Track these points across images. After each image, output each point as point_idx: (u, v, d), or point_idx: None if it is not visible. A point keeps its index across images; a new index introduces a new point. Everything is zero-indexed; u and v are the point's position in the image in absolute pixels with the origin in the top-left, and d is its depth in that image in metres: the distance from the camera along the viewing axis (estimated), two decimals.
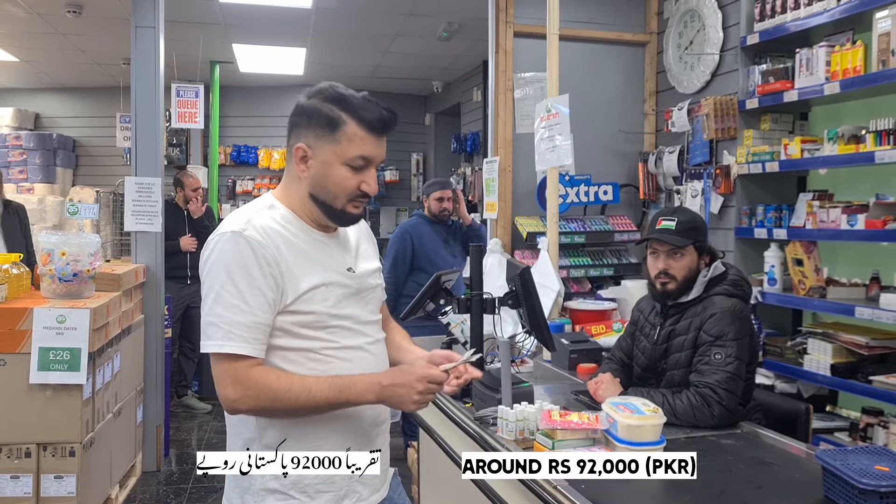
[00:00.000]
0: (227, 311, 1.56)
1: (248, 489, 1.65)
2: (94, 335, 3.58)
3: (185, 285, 5.98)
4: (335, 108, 1.65)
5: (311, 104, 1.69)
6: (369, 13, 6.45)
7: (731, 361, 2.43)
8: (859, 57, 3.21)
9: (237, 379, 1.56)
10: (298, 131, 1.69)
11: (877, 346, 3.18)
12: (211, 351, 1.57)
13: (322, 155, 1.66)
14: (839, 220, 3.27)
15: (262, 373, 1.58)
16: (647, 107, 5.04)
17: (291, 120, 1.71)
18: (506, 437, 2.26)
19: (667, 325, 2.67)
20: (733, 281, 2.63)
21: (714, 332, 2.48)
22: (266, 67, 8.69)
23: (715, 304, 2.55)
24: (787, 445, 2.30)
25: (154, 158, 4.77)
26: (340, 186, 1.66)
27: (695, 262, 2.63)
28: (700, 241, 2.63)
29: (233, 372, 1.56)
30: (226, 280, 1.56)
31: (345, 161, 1.65)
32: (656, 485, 2.00)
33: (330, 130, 1.65)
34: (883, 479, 1.69)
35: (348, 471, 1.66)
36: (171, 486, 4.55)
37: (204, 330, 1.58)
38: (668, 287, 2.64)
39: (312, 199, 1.69)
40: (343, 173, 1.66)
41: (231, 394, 1.56)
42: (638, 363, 2.79)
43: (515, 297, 2.69)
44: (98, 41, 7.47)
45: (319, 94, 1.68)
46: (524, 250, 4.68)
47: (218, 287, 1.57)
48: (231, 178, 9.92)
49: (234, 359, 1.56)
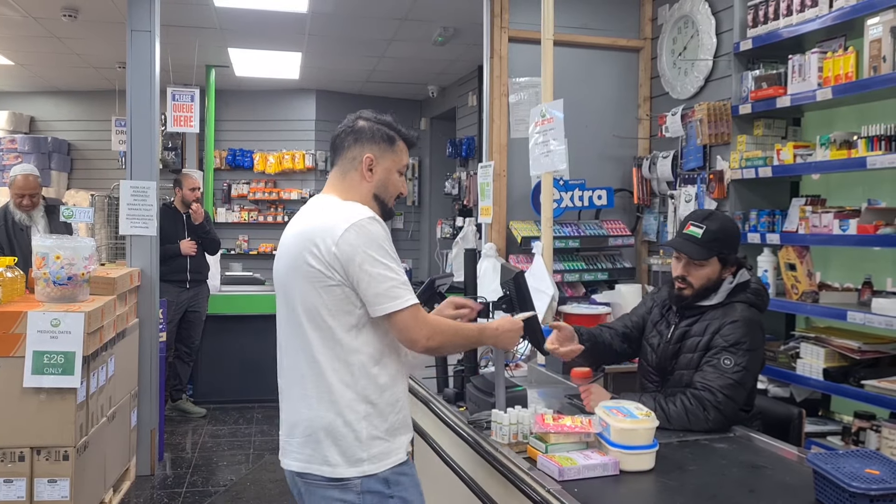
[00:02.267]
0: (396, 274, 1.93)
1: (353, 442, 1.95)
2: (88, 339, 3.58)
3: (184, 289, 5.96)
4: (388, 129, 2.11)
5: (368, 125, 2.10)
6: (364, 18, 6.47)
7: (739, 370, 2.42)
8: (851, 63, 3.23)
9: (425, 322, 1.96)
10: (362, 144, 2.08)
11: (869, 351, 3.19)
12: (404, 307, 1.92)
13: (384, 163, 2.09)
14: (831, 225, 3.28)
15: (430, 316, 2.04)
16: (642, 112, 5.06)
17: (352, 136, 2.08)
18: (499, 440, 2.26)
19: (682, 325, 2.63)
20: (756, 290, 2.60)
21: (730, 339, 2.46)
22: (261, 71, 8.70)
23: (737, 311, 2.52)
24: (780, 449, 2.31)
25: (149, 162, 4.77)
26: (395, 188, 2.13)
27: (716, 273, 2.58)
28: (724, 253, 2.57)
29: (421, 317, 1.96)
30: (384, 253, 1.93)
31: (398, 168, 2.12)
32: (649, 488, 2.01)
33: (389, 145, 2.10)
34: (873, 482, 1.70)
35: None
36: (165, 490, 4.55)
37: (385, 293, 1.91)
38: (684, 292, 2.62)
39: (375, 199, 2.10)
40: (397, 178, 2.13)
41: (424, 333, 1.95)
42: (645, 359, 2.77)
43: (509, 302, 2.69)
44: (94, 45, 7.48)
45: (371, 119, 2.11)
46: (519, 255, 4.69)
47: (380, 258, 1.92)
48: (226, 182, 9.92)
49: (417, 308, 1.95)
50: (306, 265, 1.94)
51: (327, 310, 1.94)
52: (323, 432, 1.95)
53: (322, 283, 1.93)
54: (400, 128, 2.13)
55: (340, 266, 1.91)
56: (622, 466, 2.04)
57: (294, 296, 2.00)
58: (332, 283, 1.93)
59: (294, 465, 2.02)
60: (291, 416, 2.04)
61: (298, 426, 2.01)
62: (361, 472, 1.94)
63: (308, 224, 2.01)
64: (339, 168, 2.10)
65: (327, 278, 1.92)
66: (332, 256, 1.91)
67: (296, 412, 2.02)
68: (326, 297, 1.94)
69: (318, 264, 1.93)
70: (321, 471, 1.96)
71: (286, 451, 2.06)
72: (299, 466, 2.00)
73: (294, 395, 2.03)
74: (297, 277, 1.98)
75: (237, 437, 5.62)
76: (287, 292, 2.03)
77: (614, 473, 2.02)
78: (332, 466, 1.95)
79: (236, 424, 5.94)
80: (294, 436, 2.02)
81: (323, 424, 1.95)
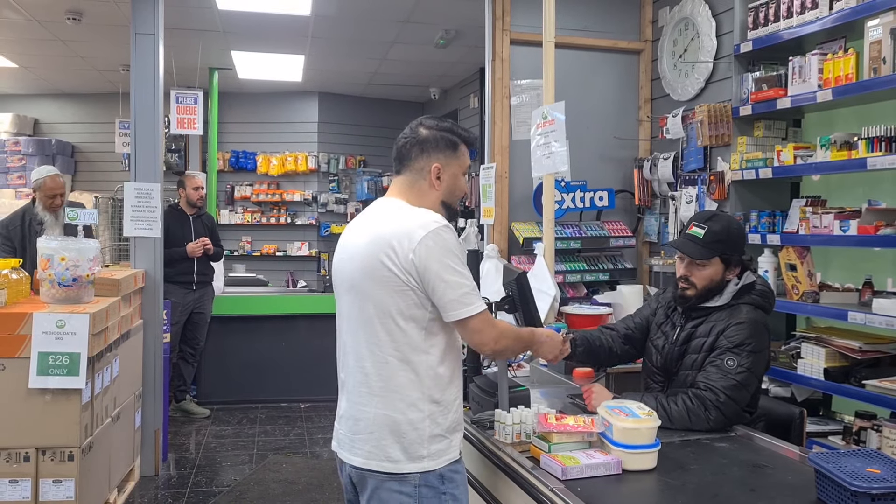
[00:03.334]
0: (468, 280, 2.01)
1: (415, 440, 2.01)
2: (93, 340, 3.60)
3: (190, 290, 5.99)
4: (450, 135, 2.17)
5: (431, 134, 2.16)
6: (367, 21, 6.50)
7: (743, 371, 2.43)
8: (851, 65, 3.25)
9: (493, 325, 2.06)
10: (429, 154, 2.14)
11: (870, 351, 3.21)
12: (476, 312, 1.99)
13: (451, 170, 2.17)
14: (832, 225, 3.30)
15: (497, 321, 2.13)
16: (642, 114, 5.08)
17: (417, 147, 2.15)
18: (503, 440, 2.28)
19: (688, 326, 2.64)
20: (761, 292, 2.61)
21: (735, 341, 2.47)
22: (265, 74, 8.74)
23: (742, 312, 2.54)
24: (781, 448, 2.32)
25: (153, 164, 4.79)
26: (461, 191, 2.22)
27: (719, 274, 2.59)
28: (727, 254, 2.57)
29: (490, 322, 2.05)
30: (458, 261, 2.01)
31: (463, 171, 2.21)
32: (651, 487, 2.03)
33: (453, 151, 2.17)
34: (875, 481, 1.72)
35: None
36: (168, 491, 4.57)
37: (460, 300, 1.98)
38: (687, 293, 2.63)
39: (443, 204, 2.18)
40: (462, 181, 2.22)
41: (493, 337, 2.05)
42: (650, 359, 2.78)
43: (512, 302, 2.71)
44: (97, 48, 7.51)
45: (433, 126, 2.18)
46: (520, 255, 4.71)
47: (455, 265, 1.99)
48: (229, 184, 9.96)
49: (487, 313, 2.03)
50: (382, 268, 2.00)
51: (399, 312, 2.01)
52: (387, 429, 2.02)
53: (396, 287, 1.99)
54: (460, 131, 2.20)
55: (416, 272, 1.98)
56: (625, 466, 2.06)
57: (366, 297, 2.05)
58: (407, 287, 1.99)
59: (356, 461, 2.07)
60: (355, 411, 2.09)
61: (362, 421, 2.06)
62: (421, 468, 2.01)
63: (382, 228, 2.06)
64: (406, 177, 2.16)
65: (402, 283, 1.99)
66: (409, 262, 1.98)
67: (360, 408, 2.07)
68: (400, 300, 2.00)
69: (395, 268, 1.99)
70: (382, 466, 2.02)
71: (345, 444, 2.12)
72: (361, 462, 2.06)
73: (360, 392, 2.08)
74: (370, 279, 2.03)
75: (241, 437, 5.64)
76: (357, 293, 2.08)
77: (617, 473, 2.04)
78: (394, 462, 2.01)
79: (240, 425, 5.96)
80: (357, 431, 2.07)
81: (388, 422, 2.02)
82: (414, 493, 2.01)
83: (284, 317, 6.63)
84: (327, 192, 10.11)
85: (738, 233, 2.66)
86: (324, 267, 9.79)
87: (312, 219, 10.09)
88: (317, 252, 10.07)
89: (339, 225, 10.06)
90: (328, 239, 10.01)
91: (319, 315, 6.47)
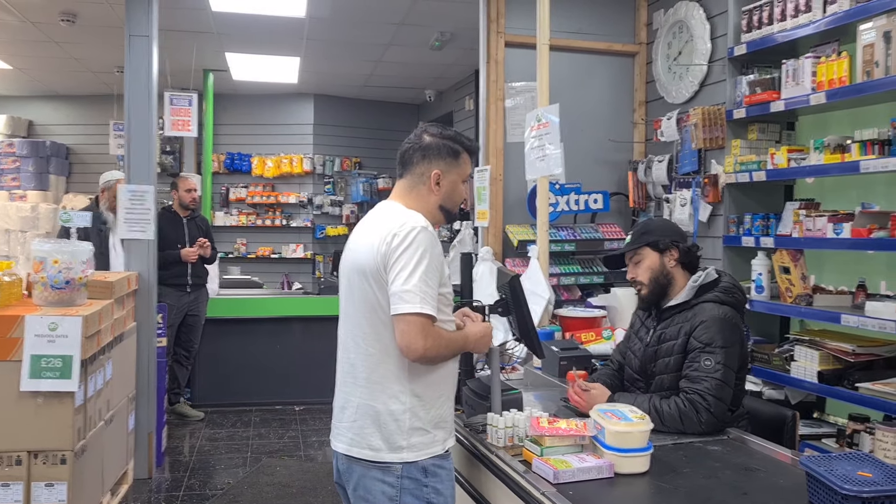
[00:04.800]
0: (422, 283, 2.03)
1: (395, 431, 2.08)
2: (86, 343, 3.59)
3: (184, 293, 5.98)
4: (452, 143, 2.25)
5: (434, 141, 2.24)
6: (362, 23, 6.50)
7: (720, 369, 2.46)
8: (844, 68, 3.26)
9: (428, 333, 2.04)
10: (430, 160, 2.23)
11: (863, 354, 3.21)
12: (408, 312, 2.01)
13: (451, 177, 2.25)
14: (825, 228, 3.30)
15: (438, 329, 2.10)
16: (637, 116, 5.09)
17: (419, 153, 2.23)
18: (495, 443, 2.28)
19: (659, 328, 2.70)
20: (725, 288, 2.65)
21: (703, 339, 2.52)
22: (259, 76, 8.73)
23: (705, 311, 2.58)
24: (774, 452, 2.33)
25: (147, 166, 4.78)
26: (460, 197, 2.29)
27: (656, 262, 2.70)
28: (653, 240, 2.70)
29: (425, 328, 2.03)
30: (421, 261, 2.04)
31: (463, 179, 2.28)
32: (644, 490, 2.02)
33: (454, 158, 2.25)
34: (865, 485, 1.72)
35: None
36: (162, 494, 4.55)
37: (400, 296, 2.02)
38: (641, 293, 2.74)
39: (441, 209, 2.26)
40: (461, 188, 2.28)
41: (422, 344, 2.02)
42: (630, 365, 2.82)
43: (505, 305, 2.71)
44: (92, 49, 7.50)
45: (436, 134, 2.25)
46: (515, 258, 4.71)
47: (413, 266, 2.03)
48: (224, 186, 9.94)
49: (427, 318, 2.03)
50: (368, 264, 2.11)
51: (382, 307, 2.09)
52: (369, 419, 2.11)
53: (380, 282, 2.09)
54: (463, 139, 2.28)
55: (386, 267, 2.07)
56: (617, 469, 2.06)
57: (355, 292, 2.17)
58: (385, 282, 2.08)
59: (340, 447, 2.18)
60: (342, 401, 2.21)
61: (347, 410, 2.17)
62: (402, 459, 2.09)
63: (373, 227, 2.18)
64: (407, 181, 2.27)
65: (384, 279, 2.08)
66: (384, 257, 2.07)
67: (346, 398, 2.19)
68: (381, 295, 2.09)
69: (378, 264, 2.08)
70: (363, 454, 2.12)
71: (334, 433, 2.23)
72: (344, 448, 2.16)
73: (346, 382, 2.20)
74: (359, 275, 2.15)
75: (235, 440, 5.62)
76: (349, 288, 2.21)
77: (609, 476, 2.04)
78: (375, 451, 2.10)
79: (234, 428, 5.94)
80: (342, 419, 2.19)
81: (370, 412, 2.11)
82: (396, 484, 2.09)
83: (279, 319, 6.62)
84: (322, 194, 10.11)
85: (659, 223, 2.85)
86: (319, 269, 9.78)
87: (308, 221, 10.08)
88: (312, 254, 10.06)
89: (335, 227, 10.05)
90: (323, 241, 10.01)
91: (314, 317, 6.47)
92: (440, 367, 2.15)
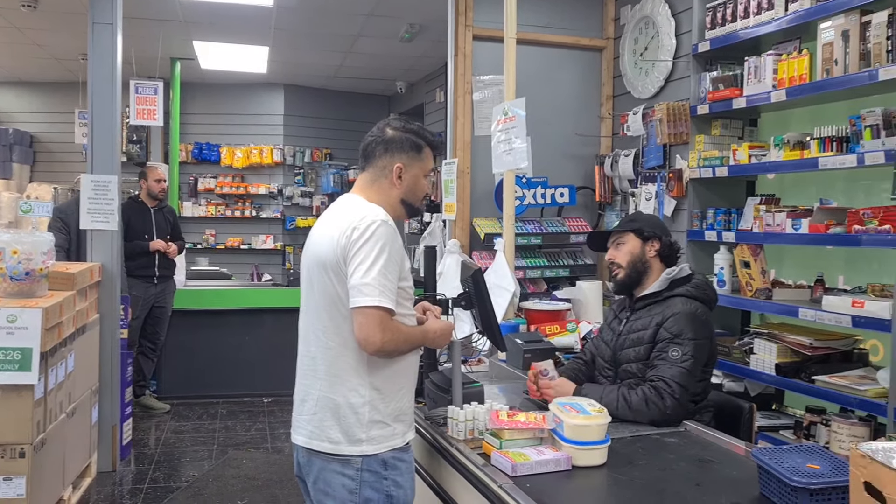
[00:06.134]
0: (381, 277, 2.03)
1: (354, 423, 2.09)
2: (46, 335, 3.54)
3: (151, 284, 5.92)
4: (415, 137, 2.25)
5: (397, 135, 2.24)
6: (330, 13, 6.45)
7: (688, 359, 2.52)
8: (805, 66, 3.30)
9: (386, 327, 2.03)
10: (392, 154, 2.23)
11: (820, 347, 3.27)
12: (370, 304, 2.01)
13: (413, 171, 2.25)
14: (784, 224, 3.36)
15: (396, 323, 2.09)
16: (604, 111, 5.12)
17: (382, 146, 2.23)
18: (455, 437, 2.30)
19: (631, 318, 2.76)
20: (696, 284, 2.71)
21: (673, 331, 2.57)
22: (228, 65, 8.63)
23: (676, 305, 2.64)
24: (729, 444, 2.36)
25: (111, 156, 4.71)
26: (422, 191, 2.29)
27: (637, 248, 2.76)
28: (639, 228, 2.77)
29: (383, 321, 2.03)
30: (379, 254, 2.04)
31: (425, 173, 2.28)
32: (600, 483, 2.05)
33: (417, 152, 2.25)
34: (814, 476, 1.75)
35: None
36: (126, 487, 4.51)
37: (359, 289, 2.02)
38: (618, 276, 2.80)
39: (403, 203, 2.26)
40: (424, 182, 2.28)
41: (380, 337, 2.02)
42: (602, 355, 2.86)
43: (468, 299, 2.72)
44: (55, 36, 7.37)
45: (399, 128, 2.26)
46: (482, 251, 4.73)
47: (372, 259, 2.03)
48: (193, 176, 9.84)
49: (385, 311, 2.03)
50: (328, 257, 2.11)
51: (342, 301, 2.09)
52: (329, 412, 2.11)
53: (340, 276, 2.09)
54: (426, 134, 2.29)
55: (345, 260, 2.07)
56: (574, 462, 2.08)
57: (315, 285, 2.16)
58: (345, 275, 2.08)
59: (300, 440, 2.19)
60: (303, 393, 2.21)
61: (307, 403, 2.18)
62: (361, 452, 2.09)
63: (333, 220, 2.17)
64: (369, 174, 2.26)
65: (343, 272, 2.08)
66: (343, 250, 2.07)
67: (307, 390, 2.19)
68: (340, 288, 2.09)
69: (336, 257, 2.08)
70: (322, 446, 2.12)
71: (294, 426, 2.23)
72: (304, 441, 2.17)
73: (306, 375, 2.20)
74: (319, 268, 2.14)
75: (201, 432, 5.59)
76: (310, 282, 2.20)
77: (567, 469, 2.06)
78: (334, 444, 2.10)
79: (200, 420, 5.90)
80: (302, 412, 2.19)
81: (330, 405, 2.11)
82: (356, 477, 2.10)
83: (248, 311, 6.58)
84: (293, 186, 10.04)
85: (647, 216, 2.90)
86: (289, 260, 9.73)
87: (278, 212, 10.02)
88: (282, 245, 10.00)
89: (305, 218, 9.99)
90: (293, 232, 9.95)
91: (284, 309, 6.42)
92: (400, 360, 2.15)
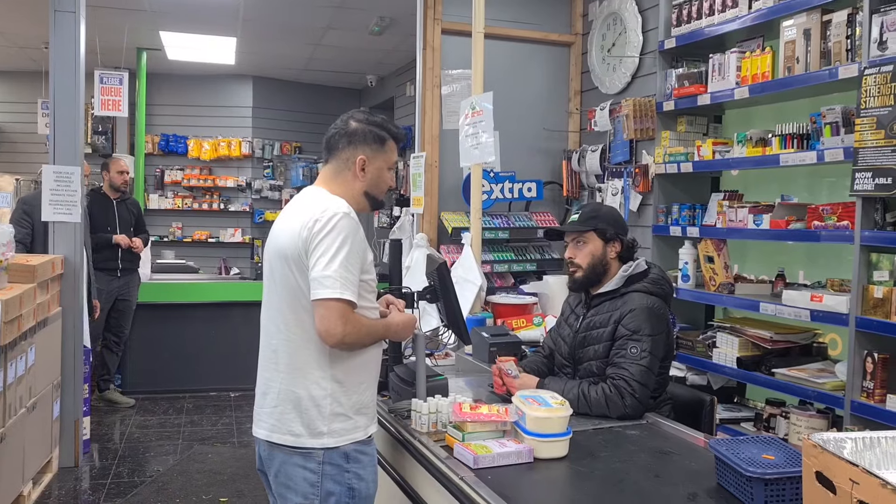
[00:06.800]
0: (343, 269, 2.03)
1: (316, 416, 2.08)
2: (5, 328, 3.48)
3: (115, 277, 5.86)
4: (379, 129, 2.25)
5: (360, 127, 2.23)
6: (298, 4, 6.40)
7: (646, 356, 2.53)
8: (768, 63, 3.35)
9: (347, 319, 2.03)
10: (355, 146, 2.22)
11: (780, 341, 3.33)
12: (331, 297, 2.00)
13: (376, 163, 2.25)
14: (746, 219, 3.41)
15: (358, 315, 2.08)
16: (572, 106, 5.14)
17: (345, 138, 2.22)
18: (419, 429, 2.30)
19: (588, 315, 2.75)
20: (653, 279, 2.71)
21: (631, 327, 2.58)
22: (196, 56, 8.52)
23: (634, 300, 2.64)
24: (688, 436, 2.39)
25: (73, 146, 4.64)
26: (386, 184, 2.29)
27: (599, 249, 2.72)
28: (601, 228, 2.71)
29: (345, 314, 2.02)
30: (341, 247, 2.04)
31: (389, 166, 2.28)
32: (561, 475, 2.07)
33: (380, 145, 2.25)
34: (769, 467, 1.79)
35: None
36: (88, 482, 4.46)
37: (321, 281, 2.01)
38: (576, 275, 2.75)
39: (366, 195, 2.25)
40: (387, 175, 2.29)
41: (341, 329, 2.01)
42: (560, 352, 2.86)
43: (433, 292, 2.73)
44: (17, 23, 7.21)
45: (362, 120, 2.25)
46: (450, 245, 4.73)
47: (334, 251, 2.03)
48: (159, 168, 9.71)
49: (346, 304, 2.02)
50: (290, 250, 2.10)
51: (302, 292, 2.08)
52: (291, 404, 2.10)
53: (299, 268, 2.08)
54: (390, 126, 2.28)
55: (307, 252, 2.06)
56: (536, 454, 2.10)
57: (277, 278, 2.15)
58: (307, 267, 2.07)
59: (261, 433, 2.17)
60: (264, 387, 2.19)
61: (268, 396, 2.16)
62: (322, 445, 2.09)
63: (295, 213, 2.16)
64: (331, 166, 2.25)
65: (305, 265, 2.07)
66: (305, 242, 2.06)
67: (268, 384, 2.18)
68: (302, 281, 2.08)
69: (297, 250, 2.08)
70: (284, 439, 2.11)
71: (256, 420, 2.22)
72: (265, 434, 2.16)
73: (268, 368, 2.19)
74: (281, 260, 2.13)
75: (166, 427, 5.54)
76: (272, 275, 2.19)
77: (528, 461, 2.07)
78: (296, 437, 2.10)
79: (166, 415, 5.85)
80: (264, 405, 2.18)
81: (291, 397, 2.10)
82: (318, 470, 2.09)
83: (215, 304, 6.52)
84: (262, 179, 9.95)
85: (609, 211, 2.82)
86: (257, 254, 9.65)
87: (246, 205, 9.93)
88: (251, 239, 9.92)
89: (274, 212, 9.91)
90: (262, 226, 9.87)
91: (252, 303, 6.26)
92: (362, 353, 2.15)
